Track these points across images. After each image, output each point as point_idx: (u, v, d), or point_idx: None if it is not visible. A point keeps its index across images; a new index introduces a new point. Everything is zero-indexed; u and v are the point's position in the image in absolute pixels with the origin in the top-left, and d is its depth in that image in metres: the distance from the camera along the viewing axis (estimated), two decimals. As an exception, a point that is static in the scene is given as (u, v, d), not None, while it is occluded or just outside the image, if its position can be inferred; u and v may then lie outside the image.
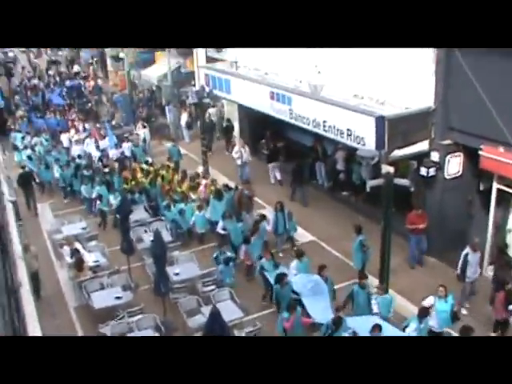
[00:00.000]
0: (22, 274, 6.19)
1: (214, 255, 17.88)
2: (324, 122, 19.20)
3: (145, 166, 25.85)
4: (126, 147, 29.63)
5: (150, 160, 27.24)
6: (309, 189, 23.93)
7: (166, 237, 18.69)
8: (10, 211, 6.54)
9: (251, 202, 22.01)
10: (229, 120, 31.31)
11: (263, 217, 19.56)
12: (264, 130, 27.03)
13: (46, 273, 18.89)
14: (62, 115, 38.77)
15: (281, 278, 15.10)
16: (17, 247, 5.93)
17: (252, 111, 25.32)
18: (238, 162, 26.07)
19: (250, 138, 28.67)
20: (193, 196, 22.46)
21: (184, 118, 33.16)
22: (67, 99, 42.98)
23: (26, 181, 25.45)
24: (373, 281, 15.93)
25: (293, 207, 20.92)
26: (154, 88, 40.00)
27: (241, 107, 27.81)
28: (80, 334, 16.17)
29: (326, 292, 15.07)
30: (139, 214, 21.58)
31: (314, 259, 17.17)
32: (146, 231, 20.42)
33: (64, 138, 33.20)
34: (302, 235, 20.40)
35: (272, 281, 15.62)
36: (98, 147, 29.96)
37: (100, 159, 28.69)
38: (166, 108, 36.11)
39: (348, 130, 18.12)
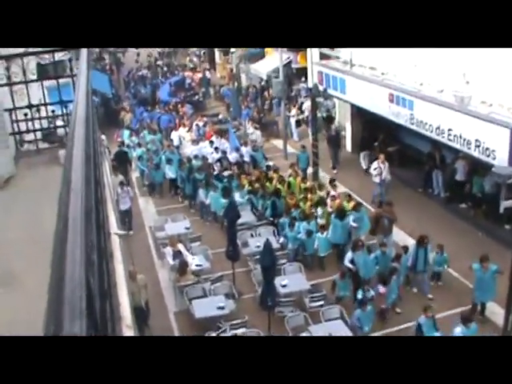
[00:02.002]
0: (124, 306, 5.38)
1: (359, 295, 15.17)
2: (449, 130, 17.84)
3: (269, 172, 23.71)
4: (245, 151, 27.33)
5: (271, 164, 25.17)
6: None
7: (274, 244, 17.37)
8: (116, 246, 5.74)
9: (391, 230, 18.84)
10: (328, 110, 29.49)
11: (406, 250, 16.90)
12: (377, 133, 25.63)
13: (147, 272, 18.33)
14: (173, 111, 37.13)
15: None
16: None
17: (366, 113, 24.17)
18: (377, 179, 22.70)
19: (361, 140, 27.38)
20: (319, 212, 19.70)
21: (294, 115, 32.15)
22: (174, 95, 41.29)
23: (121, 159, 25.90)
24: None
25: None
26: (263, 83, 39.22)
27: (354, 108, 26.56)
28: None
29: None
30: (246, 216, 20.21)
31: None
32: (252, 235, 19.48)
33: (174, 135, 31.04)
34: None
35: None
36: (216, 149, 27.22)
37: (220, 161, 26.34)
38: (274, 104, 35.32)
39: (476, 140, 16.72)
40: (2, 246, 5.66)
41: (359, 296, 15.07)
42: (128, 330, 5.33)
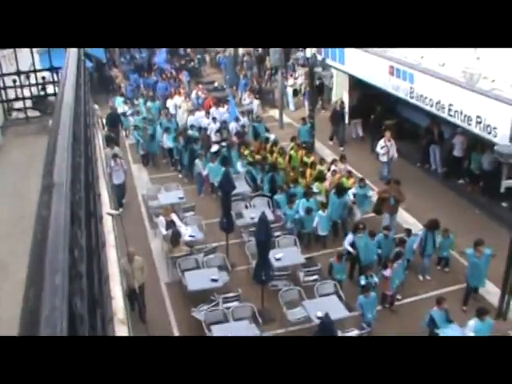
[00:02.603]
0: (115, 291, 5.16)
1: (362, 281, 14.60)
2: (450, 105, 17.49)
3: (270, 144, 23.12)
4: (246, 121, 26.74)
5: (272, 137, 24.42)
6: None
7: (269, 216, 16.71)
8: (109, 226, 5.47)
9: (396, 209, 18.30)
10: (320, 78, 28.68)
11: (409, 233, 16.53)
12: (375, 106, 25.24)
13: (139, 241, 18.05)
14: (170, 79, 35.65)
15: None
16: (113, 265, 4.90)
17: (364, 85, 23.76)
18: (384, 158, 21.99)
19: (359, 112, 26.97)
20: (315, 188, 19.12)
21: (291, 84, 31.67)
22: (171, 62, 40.19)
23: (113, 121, 25.86)
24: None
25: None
26: (260, 51, 38.57)
27: (352, 79, 26.11)
28: (170, 312, 15.39)
29: None
30: (241, 187, 19.74)
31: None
32: (246, 206, 19.22)
33: (170, 104, 29.87)
34: (413, 224, 18.64)
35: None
36: (214, 119, 26.16)
37: (219, 131, 25.61)
38: (267, 73, 34.81)
39: (478, 117, 16.41)
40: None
41: (362, 282, 14.59)
42: (121, 324, 5.12)
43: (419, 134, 23.36)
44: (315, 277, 15.61)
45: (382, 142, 21.99)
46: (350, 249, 15.89)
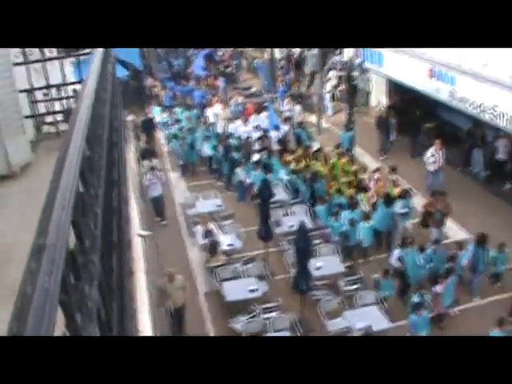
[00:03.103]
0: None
1: (416, 299, 13.68)
2: (494, 106, 16.99)
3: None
4: (287, 129, 25.90)
5: (316, 146, 23.54)
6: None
7: (309, 224, 16.68)
8: (139, 247, 5.28)
9: (443, 221, 17.40)
10: (352, 80, 27.91)
11: (460, 246, 15.61)
12: (414, 109, 24.72)
13: (177, 251, 17.94)
14: (206, 86, 35.64)
15: None
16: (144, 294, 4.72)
17: (403, 88, 23.36)
18: (431, 167, 20.68)
19: (398, 115, 26.47)
20: (359, 198, 18.54)
21: (328, 89, 31.25)
22: (207, 69, 39.56)
23: (148, 127, 26.49)
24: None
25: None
26: (296, 55, 38.24)
27: (391, 82, 25.69)
28: (208, 323, 15.16)
29: None
30: (279, 194, 19.46)
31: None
32: (285, 214, 18.89)
33: (210, 112, 29.44)
34: (457, 231, 18.17)
35: None
36: (257, 127, 25.46)
37: (260, 139, 24.60)
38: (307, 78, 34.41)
39: (524, 119, 15.90)
40: (15, 251, 5.19)
41: (416, 300, 13.74)
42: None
43: (460, 137, 22.81)
44: (356, 286, 15.23)
45: (431, 151, 20.66)
46: (398, 264, 15.21)
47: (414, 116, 24.30)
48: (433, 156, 20.56)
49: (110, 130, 4.42)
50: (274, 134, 25.18)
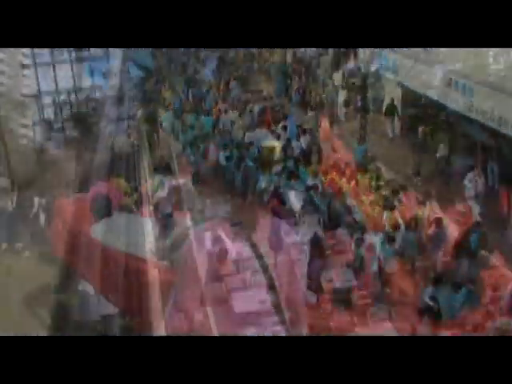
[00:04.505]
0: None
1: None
2: (514, 119, 16.73)
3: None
4: (309, 138, 24.94)
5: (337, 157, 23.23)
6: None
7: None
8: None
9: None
10: (366, 86, 26.64)
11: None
12: (429, 118, 24.44)
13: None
14: (218, 90, 34.86)
15: None
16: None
17: (418, 96, 23.11)
18: (470, 193, 19.33)
19: (411, 125, 26.17)
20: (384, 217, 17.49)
21: (342, 95, 30.92)
22: (219, 71, 39.01)
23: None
24: None
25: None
26: (307, 59, 38.07)
27: (405, 91, 25.36)
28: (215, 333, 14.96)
29: None
30: (295, 203, 19.15)
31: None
32: (296, 223, 18.43)
33: (224, 119, 28.29)
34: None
35: None
36: (279, 137, 24.87)
37: (282, 149, 23.98)
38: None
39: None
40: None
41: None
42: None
43: (476, 149, 22.45)
44: (368, 300, 14.91)
45: (470, 176, 19.53)
46: (430, 303, 13.93)
47: (428, 127, 23.89)
48: (471, 181, 19.45)
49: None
50: (295, 144, 24.48)
